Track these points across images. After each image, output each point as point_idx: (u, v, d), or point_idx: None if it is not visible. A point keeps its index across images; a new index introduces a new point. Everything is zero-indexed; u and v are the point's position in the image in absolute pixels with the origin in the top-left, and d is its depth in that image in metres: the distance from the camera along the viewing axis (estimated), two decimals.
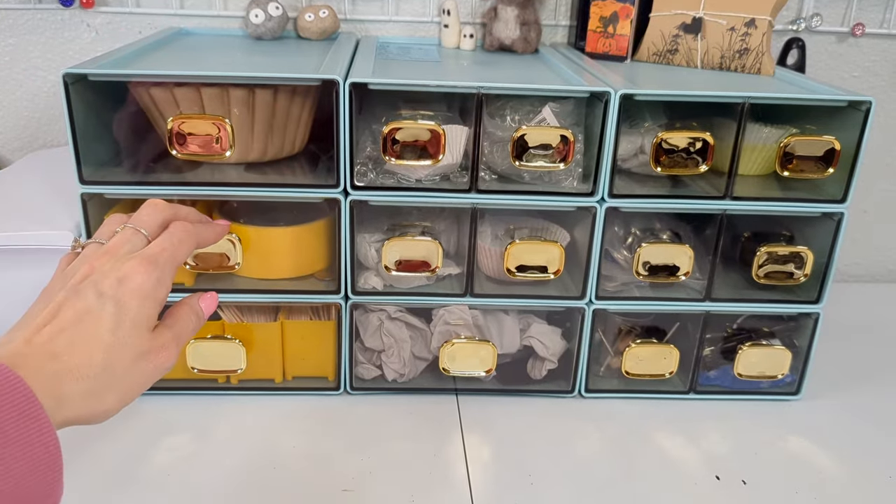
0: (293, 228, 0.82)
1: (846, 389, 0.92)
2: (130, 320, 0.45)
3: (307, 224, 0.83)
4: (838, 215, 0.81)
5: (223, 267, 0.81)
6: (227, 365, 0.83)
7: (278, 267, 0.83)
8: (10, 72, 1.05)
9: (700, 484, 0.74)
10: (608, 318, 0.88)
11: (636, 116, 0.83)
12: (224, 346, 0.82)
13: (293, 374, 0.87)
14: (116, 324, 0.44)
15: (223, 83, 0.75)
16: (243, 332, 0.83)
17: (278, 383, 0.86)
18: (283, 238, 0.82)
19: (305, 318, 0.86)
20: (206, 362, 0.82)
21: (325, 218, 0.83)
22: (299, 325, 0.84)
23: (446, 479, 0.73)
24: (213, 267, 0.81)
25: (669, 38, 0.93)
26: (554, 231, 0.87)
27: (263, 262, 0.83)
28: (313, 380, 0.87)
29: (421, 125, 0.75)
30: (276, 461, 0.75)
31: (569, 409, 0.86)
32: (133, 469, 0.72)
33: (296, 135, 0.84)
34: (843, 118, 0.79)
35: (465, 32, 1.00)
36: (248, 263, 0.82)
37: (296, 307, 0.86)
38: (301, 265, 0.84)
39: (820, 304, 0.85)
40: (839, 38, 1.09)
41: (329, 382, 0.87)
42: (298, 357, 0.86)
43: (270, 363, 0.85)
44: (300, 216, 0.83)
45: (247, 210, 0.84)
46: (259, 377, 0.86)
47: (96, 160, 0.78)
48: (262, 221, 0.82)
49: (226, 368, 0.83)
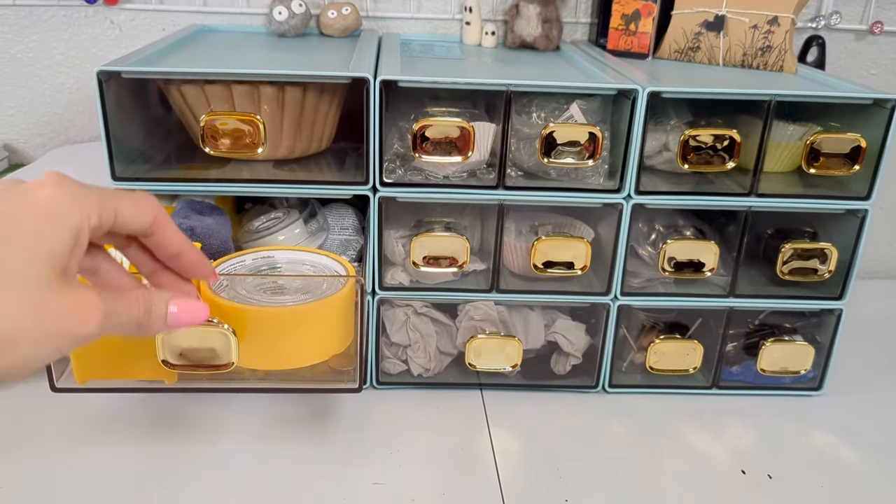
0: (300, 307, 0.65)
1: (867, 385, 0.92)
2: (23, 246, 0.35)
3: (319, 300, 0.66)
4: (862, 212, 0.81)
5: (214, 368, 0.65)
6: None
7: (282, 356, 0.67)
8: (33, 68, 1.06)
9: (726, 478, 0.75)
10: (632, 313, 0.88)
11: (661, 114, 0.84)
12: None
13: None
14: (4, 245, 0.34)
15: (254, 80, 0.75)
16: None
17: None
18: (289, 318, 0.65)
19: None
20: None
21: (339, 290, 0.68)
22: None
23: (476, 472, 0.74)
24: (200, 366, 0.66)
25: (691, 35, 0.93)
26: (578, 227, 0.87)
27: (264, 350, 0.66)
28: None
29: (451, 122, 0.76)
30: (306, 455, 0.75)
31: (593, 404, 0.86)
32: (157, 455, 0.73)
33: (323, 132, 0.84)
34: (867, 116, 0.80)
35: (486, 30, 1.01)
36: (246, 354, 0.66)
37: None
38: (311, 352, 0.67)
39: (843, 301, 0.85)
40: (858, 35, 1.10)
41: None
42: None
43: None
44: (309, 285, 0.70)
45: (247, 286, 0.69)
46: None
47: (126, 156, 0.78)
48: (258, 292, 0.68)
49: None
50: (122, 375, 0.69)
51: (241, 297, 0.66)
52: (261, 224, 0.84)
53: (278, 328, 0.65)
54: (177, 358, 0.66)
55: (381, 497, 0.70)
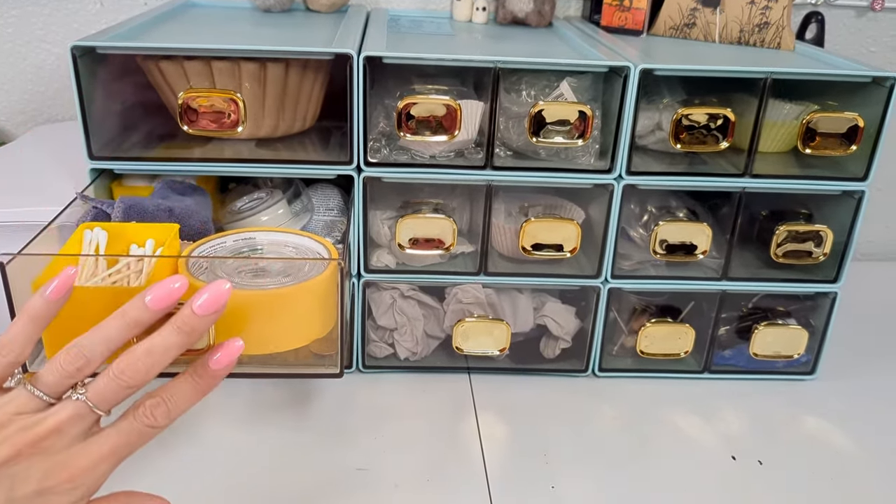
0: (280, 290, 0.62)
1: (861, 370, 0.91)
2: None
3: (298, 283, 0.64)
4: (859, 193, 0.80)
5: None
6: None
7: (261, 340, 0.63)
8: (13, 44, 1.03)
9: (716, 464, 0.74)
10: (622, 296, 0.87)
11: (654, 92, 0.81)
12: None
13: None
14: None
15: (234, 57, 0.73)
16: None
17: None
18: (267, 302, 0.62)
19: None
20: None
21: (321, 273, 0.64)
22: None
23: (461, 458, 0.73)
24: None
25: (687, 11, 0.91)
26: (569, 208, 0.86)
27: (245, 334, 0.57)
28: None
29: (436, 100, 0.74)
30: (289, 440, 0.74)
31: (582, 389, 0.85)
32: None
33: (307, 110, 0.82)
34: (866, 94, 0.78)
35: (477, 5, 0.98)
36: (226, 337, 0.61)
37: None
38: (291, 335, 0.64)
39: (838, 284, 0.84)
40: (858, 12, 1.07)
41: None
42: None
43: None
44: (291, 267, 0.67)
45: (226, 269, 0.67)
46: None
47: (105, 135, 0.76)
48: (239, 281, 0.64)
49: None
50: None
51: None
52: (243, 205, 0.82)
53: (258, 311, 0.62)
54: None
55: (365, 482, 0.69)
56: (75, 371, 0.44)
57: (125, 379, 0.44)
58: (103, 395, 0.44)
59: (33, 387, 0.43)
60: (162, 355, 0.44)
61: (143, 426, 0.45)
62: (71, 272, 0.46)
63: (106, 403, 0.44)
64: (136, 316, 0.45)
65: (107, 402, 0.44)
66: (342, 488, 0.68)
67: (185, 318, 0.45)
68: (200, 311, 0.45)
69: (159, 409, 0.45)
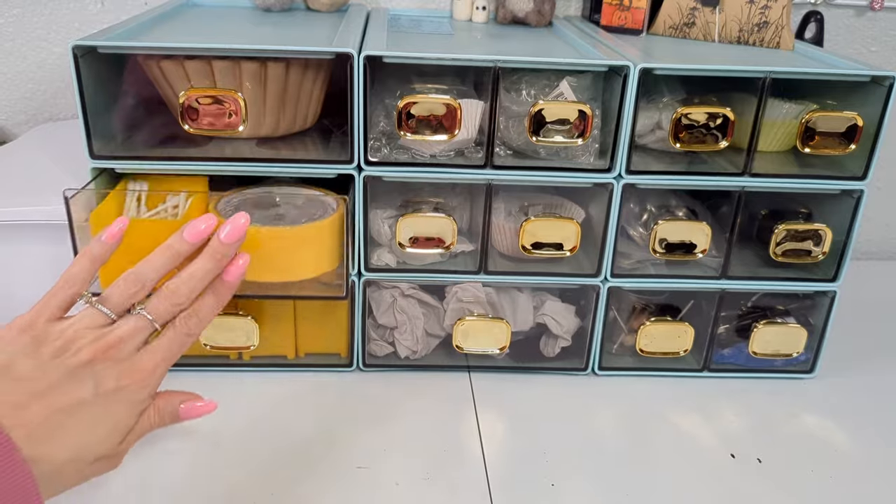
0: (295, 228, 0.74)
1: (860, 367, 0.91)
2: (113, 426, 0.49)
3: (311, 222, 0.75)
4: (858, 192, 0.80)
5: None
6: (239, 341, 0.82)
7: (279, 269, 0.75)
8: (13, 43, 1.03)
9: (715, 462, 0.74)
10: (622, 295, 0.87)
11: (653, 91, 0.82)
12: (237, 322, 0.81)
13: (305, 350, 0.86)
14: (100, 425, 0.48)
15: (235, 56, 0.73)
16: (256, 309, 0.82)
17: (291, 360, 0.86)
18: (286, 238, 0.74)
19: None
20: (219, 339, 0.82)
21: (333, 215, 0.76)
22: (312, 302, 0.83)
23: (461, 456, 0.73)
24: None
25: (686, 10, 0.91)
26: (568, 207, 0.86)
27: (264, 265, 0.74)
28: (326, 356, 0.86)
29: (436, 99, 0.74)
30: (290, 438, 0.74)
31: (582, 387, 0.85)
32: (146, 443, 0.72)
33: (308, 109, 0.82)
34: (865, 94, 0.78)
35: (477, 4, 0.99)
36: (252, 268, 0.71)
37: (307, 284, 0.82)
38: (305, 267, 0.76)
39: (837, 283, 0.84)
40: (858, 11, 1.08)
41: (342, 359, 0.86)
42: (311, 333, 0.85)
43: (283, 340, 0.85)
44: (304, 214, 0.77)
45: (246, 207, 0.79)
46: (272, 353, 0.85)
47: (106, 134, 0.76)
48: (262, 220, 0.76)
49: (238, 345, 0.82)
50: None
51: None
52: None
53: (278, 246, 0.74)
54: None
55: (365, 481, 0.69)
56: (133, 294, 0.53)
57: (174, 298, 0.54)
58: (157, 311, 0.53)
59: (101, 305, 0.52)
60: (201, 279, 0.55)
61: (182, 335, 0.54)
62: (123, 222, 0.56)
63: (160, 318, 0.53)
64: (178, 248, 0.55)
65: (161, 317, 0.53)
66: (342, 486, 0.68)
67: (215, 247, 0.55)
68: (226, 240, 0.56)
69: (192, 320, 0.54)
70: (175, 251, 0.55)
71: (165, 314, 0.54)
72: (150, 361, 0.52)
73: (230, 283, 0.57)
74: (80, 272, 0.53)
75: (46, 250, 0.80)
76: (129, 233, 0.59)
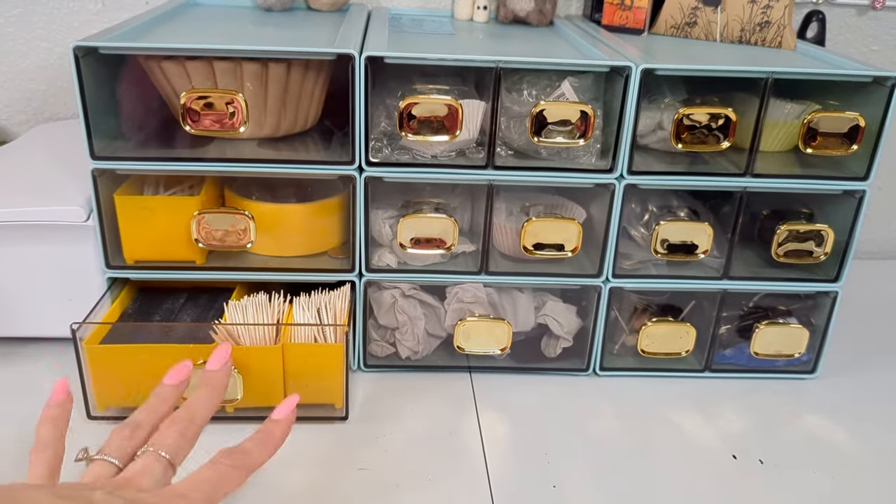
0: (307, 205, 0.81)
1: (862, 368, 0.91)
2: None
3: (321, 201, 0.82)
4: (860, 193, 0.80)
5: (237, 245, 0.79)
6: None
7: (292, 244, 0.83)
8: (14, 43, 1.03)
9: (717, 463, 0.74)
10: (624, 296, 0.87)
11: (655, 91, 0.82)
12: None
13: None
14: None
15: (236, 57, 0.73)
16: (240, 358, 0.72)
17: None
18: (297, 215, 0.81)
19: (309, 339, 0.75)
20: None
21: (339, 194, 0.82)
22: (302, 347, 0.74)
23: (462, 457, 0.73)
24: (226, 245, 0.79)
25: (688, 10, 0.91)
26: (570, 208, 0.86)
27: (277, 240, 0.82)
28: (319, 408, 0.77)
29: (438, 100, 0.74)
30: (290, 438, 0.74)
31: (583, 388, 0.85)
32: None
33: (309, 110, 0.82)
34: (867, 94, 0.78)
35: (478, 4, 0.98)
36: (262, 241, 0.81)
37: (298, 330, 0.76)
38: (314, 243, 0.83)
39: (839, 283, 0.84)
40: (859, 10, 1.07)
41: (336, 410, 0.77)
42: (302, 383, 0.75)
43: (270, 391, 0.74)
44: (314, 193, 0.82)
45: (259, 186, 0.83)
46: (258, 405, 0.74)
47: (107, 134, 0.76)
48: (275, 198, 0.82)
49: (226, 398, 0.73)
50: (162, 256, 0.80)
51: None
52: None
53: (290, 222, 0.81)
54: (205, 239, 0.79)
55: (366, 482, 0.69)
56: (129, 436, 0.51)
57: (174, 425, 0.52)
58: (160, 441, 0.51)
59: (103, 455, 0.49)
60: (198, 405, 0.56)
61: (225, 468, 0.51)
62: (66, 386, 0.56)
63: (168, 448, 0.50)
64: (159, 391, 0.56)
65: (166, 446, 0.50)
66: (343, 488, 0.68)
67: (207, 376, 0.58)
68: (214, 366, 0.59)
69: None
70: (156, 394, 0.56)
71: (171, 443, 0.51)
72: (170, 495, 0.48)
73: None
74: (45, 435, 0.52)
75: (46, 250, 0.80)
76: (153, 209, 0.70)
